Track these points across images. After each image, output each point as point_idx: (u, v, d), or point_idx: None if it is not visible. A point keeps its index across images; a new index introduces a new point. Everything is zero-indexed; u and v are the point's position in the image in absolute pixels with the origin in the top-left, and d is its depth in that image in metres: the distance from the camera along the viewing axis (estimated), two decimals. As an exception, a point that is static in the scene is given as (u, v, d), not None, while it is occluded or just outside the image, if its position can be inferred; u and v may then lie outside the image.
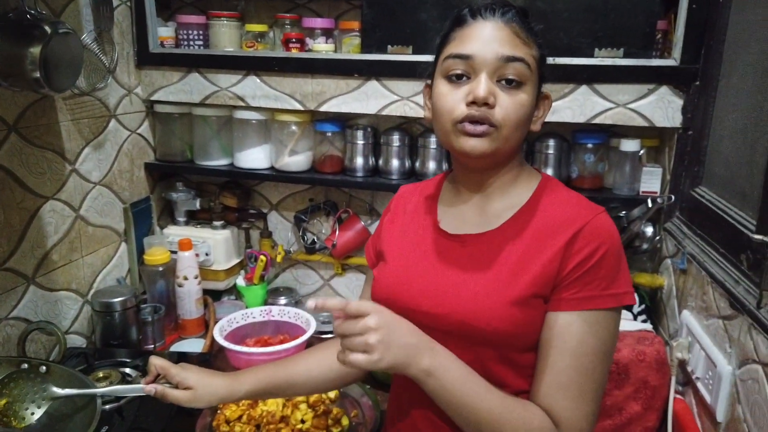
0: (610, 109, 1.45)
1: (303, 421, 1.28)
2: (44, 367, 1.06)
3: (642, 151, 1.51)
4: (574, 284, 0.81)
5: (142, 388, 0.97)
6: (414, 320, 0.86)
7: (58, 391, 1.03)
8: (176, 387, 0.97)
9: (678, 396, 1.23)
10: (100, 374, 1.32)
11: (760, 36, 1.11)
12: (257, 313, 1.64)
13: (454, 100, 0.83)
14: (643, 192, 1.51)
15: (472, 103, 0.81)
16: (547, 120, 1.45)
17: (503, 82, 0.82)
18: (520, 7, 0.87)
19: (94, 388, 1.04)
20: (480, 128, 0.82)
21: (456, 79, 0.84)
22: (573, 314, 0.81)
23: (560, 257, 0.82)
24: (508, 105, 0.82)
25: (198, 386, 0.97)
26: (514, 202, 0.90)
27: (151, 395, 0.97)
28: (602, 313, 0.81)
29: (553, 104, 1.45)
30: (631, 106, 1.44)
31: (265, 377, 1.02)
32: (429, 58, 1.56)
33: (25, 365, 1.06)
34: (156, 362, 0.99)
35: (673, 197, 1.43)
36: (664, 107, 1.42)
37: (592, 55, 1.44)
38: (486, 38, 0.82)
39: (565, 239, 0.82)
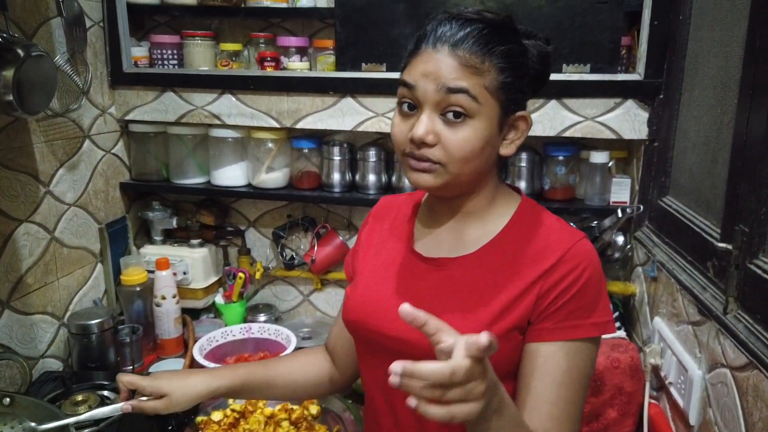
0: (579, 122, 1.49)
1: (286, 439, 1.28)
2: (8, 399, 1.04)
3: (611, 163, 1.56)
4: (557, 314, 0.80)
5: (120, 407, 0.96)
6: (383, 345, 0.85)
7: (34, 426, 1.01)
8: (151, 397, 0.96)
9: (653, 401, 1.26)
10: (78, 398, 1.31)
11: (717, 52, 1.16)
12: (237, 331, 1.64)
13: (402, 132, 0.82)
14: (613, 202, 1.56)
15: (413, 140, 0.80)
16: (519, 134, 1.51)
17: (449, 114, 0.78)
18: (491, 20, 0.80)
19: (62, 415, 1.02)
20: (422, 164, 0.80)
21: (407, 109, 0.82)
22: (556, 344, 0.80)
23: (539, 287, 0.80)
24: (450, 142, 0.78)
25: (172, 391, 0.95)
26: (491, 228, 0.87)
27: (129, 412, 0.95)
28: (585, 342, 0.81)
29: (525, 119, 1.50)
30: (599, 119, 1.48)
31: (245, 374, 1.01)
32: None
33: None
34: (124, 379, 0.97)
35: (641, 207, 1.47)
36: (630, 120, 1.47)
37: (560, 71, 1.49)
38: (429, 68, 0.79)
39: (544, 267, 0.81)
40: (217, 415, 1.32)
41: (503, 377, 0.80)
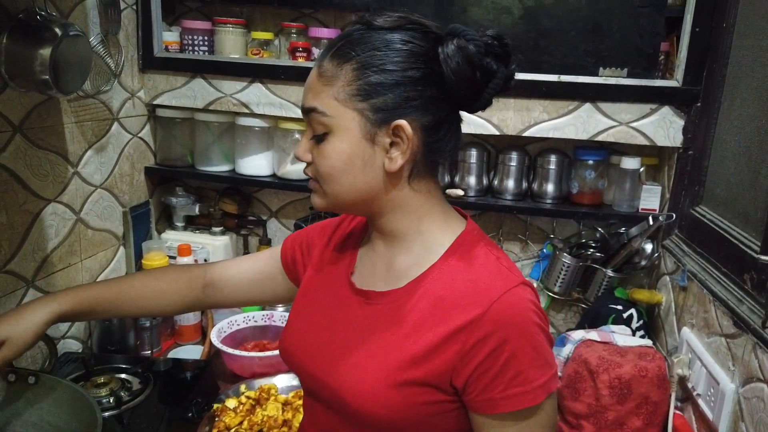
0: (613, 127, 1.47)
1: (305, 431, 1.27)
2: (33, 378, 1.03)
3: (642, 169, 1.54)
4: (497, 381, 0.70)
5: None
6: (304, 382, 0.83)
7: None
8: None
9: (677, 412, 1.24)
10: (100, 380, 1.30)
11: (765, 61, 1.14)
12: (259, 318, 1.63)
13: None
14: (642, 209, 1.54)
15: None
16: (550, 136, 1.50)
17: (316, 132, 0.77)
18: (377, 24, 0.74)
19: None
20: (311, 184, 0.81)
21: None
22: (509, 414, 0.71)
23: (461, 342, 0.71)
24: (316, 159, 0.77)
25: (9, 334, 0.90)
26: (422, 259, 0.79)
27: None
28: (540, 404, 0.71)
29: (557, 121, 1.49)
30: (633, 124, 1.47)
31: (92, 298, 0.99)
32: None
33: (12, 377, 1.00)
34: None
35: (674, 215, 1.45)
36: (665, 127, 1.45)
37: (596, 74, 1.47)
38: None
39: (468, 318, 0.71)
40: (231, 402, 1.32)
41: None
